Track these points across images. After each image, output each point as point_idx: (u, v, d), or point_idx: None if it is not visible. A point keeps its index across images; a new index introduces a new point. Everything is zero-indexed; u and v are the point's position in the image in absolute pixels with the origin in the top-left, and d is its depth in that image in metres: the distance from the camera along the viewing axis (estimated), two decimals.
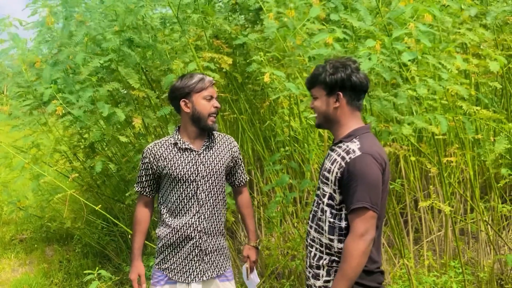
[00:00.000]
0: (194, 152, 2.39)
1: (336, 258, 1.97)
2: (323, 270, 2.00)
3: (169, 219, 2.41)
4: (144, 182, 2.46)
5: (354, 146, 1.91)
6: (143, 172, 2.45)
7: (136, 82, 3.23)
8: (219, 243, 2.48)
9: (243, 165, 2.63)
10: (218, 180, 2.44)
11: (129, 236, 4.46)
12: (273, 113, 4.12)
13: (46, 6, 3.38)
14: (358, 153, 1.89)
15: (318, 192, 2.06)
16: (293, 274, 3.78)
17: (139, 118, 3.29)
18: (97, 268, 3.25)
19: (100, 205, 3.38)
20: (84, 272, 3.35)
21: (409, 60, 2.65)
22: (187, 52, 3.43)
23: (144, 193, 2.47)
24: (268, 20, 2.96)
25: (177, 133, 2.43)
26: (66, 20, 3.28)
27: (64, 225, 5.34)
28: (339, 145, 1.98)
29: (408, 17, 2.73)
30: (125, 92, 3.58)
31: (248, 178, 2.68)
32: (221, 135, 2.52)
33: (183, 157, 2.38)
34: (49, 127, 4.21)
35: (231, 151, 2.51)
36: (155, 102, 3.63)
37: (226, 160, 2.48)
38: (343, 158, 1.91)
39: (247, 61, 3.60)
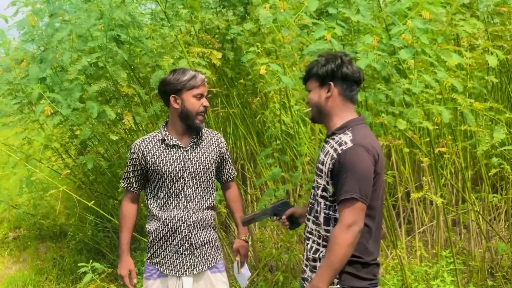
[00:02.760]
0: (181, 149, 2.40)
1: None
2: (320, 262, 2.01)
3: (158, 212, 2.43)
4: (132, 178, 2.45)
5: (347, 138, 1.92)
6: (131, 168, 2.44)
7: (123, 80, 3.21)
8: (209, 236, 2.49)
9: (230, 160, 2.64)
10: (205, 176, 2.45)
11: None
12: (265, 108, 4.12)
13: (28, 4, 3.34)
14: (350, 144, 1.90)
15: (314, 184, 2.07)
16: (287, 266, 3.81)
17: (129, 115, 3.27)
18: (91, 261, 3.26)
19: (93, 201, 3.37)
20: (78, 265, 3.34)
21: None
22: (177, 47, 3.41)
23: (131, 189, 2.47)
24: (263, 11, 2.96)
25: (165, 128, 2.43)
26: (51, 17, 3.24)
27: (57, 222, 5.32)
28: (332, 137, 1.99)
29: (406, 8, 2.74)
30: (114, 89, 3.56)
31: (235, 173, 2.70)
32: (208, 131, 2.53)
33: (171, 153, 2.39)
34: (40, 125, 4.19)
35: (218, 147, 2.52)
36: (145, 99, 3.61)
37: (214, 156, 2.49)
38: (335, 150, 1.93)
39: (242, 54, 3.59)
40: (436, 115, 2.82)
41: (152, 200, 2.45)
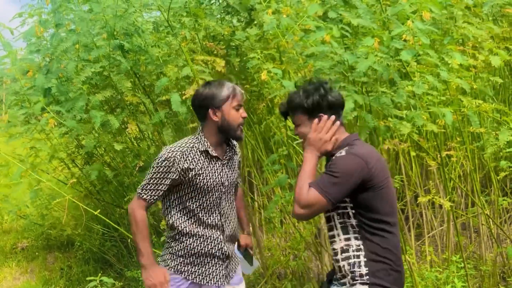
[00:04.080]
0: (220, 161, 2.35)
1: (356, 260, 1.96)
2: (345, 268, 1.99)
3: (190, 227, 2.33)
4: (159, 191, 2.26)
5: (344, 150, 2.00)
6: (161, 180, 2.24)
7: (128, 89, 3.22)
8: (233, 248, 2.50)
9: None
10: (233, 188, 2.45)
11: (129, 240, 4.47)
12: (271, 114, 4.10)
13: (34, 15, 3.37)
14: (343, 153, 1.98)
15: None
16: (294, 274, 3.77)
17: (133, 123, 3.27)
18: (99, 274, 3.24)
19: (99, 210, 3.36)
20: (87, 279, 3.33)
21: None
22: (181, 56, 3.41)
23: (151, 200, 2.28)
24: (267, 17, 2.96)
25: (205, 139, 2.32)
26: (56, 27, 3.27)
27: (65, 232, 5.33)
28: (333, 158, 2.04)
29: (410, 12, 2.73)
30: (119, 98, 3.57)
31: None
32: (233, 141, 2.47)
33: (211, 165, 2.32)
34: (46, 135, 4.20)
35: (238, 156, 2.51)
36: (150, 108, 3.62)
37: (238, 167, 2.51)
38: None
39: (245, 58, 3.59)
40: (440, 117, 2.80)
41: (181, 214, 2.32)
